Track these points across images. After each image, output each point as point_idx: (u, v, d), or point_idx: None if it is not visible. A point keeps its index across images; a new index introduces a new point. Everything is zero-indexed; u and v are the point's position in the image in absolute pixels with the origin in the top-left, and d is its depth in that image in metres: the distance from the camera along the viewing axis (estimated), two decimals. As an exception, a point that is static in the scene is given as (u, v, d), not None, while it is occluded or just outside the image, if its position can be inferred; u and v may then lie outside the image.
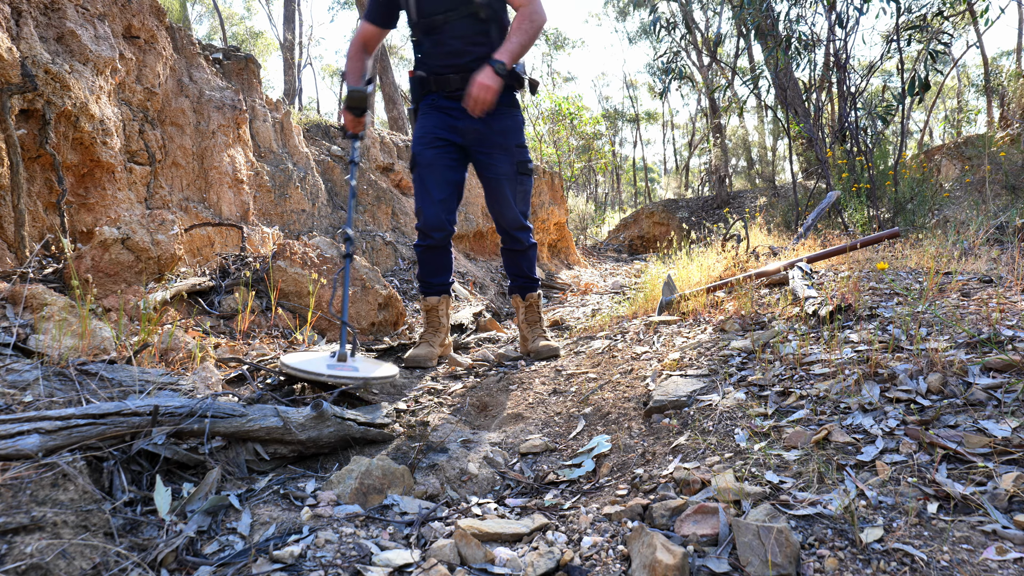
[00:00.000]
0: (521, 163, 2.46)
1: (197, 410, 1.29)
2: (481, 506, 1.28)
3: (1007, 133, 8.26)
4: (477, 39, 2.32)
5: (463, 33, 2.31)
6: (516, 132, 2.47)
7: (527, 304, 2.75)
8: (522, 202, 2.52)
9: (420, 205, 2.47)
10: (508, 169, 2.44)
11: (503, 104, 2.38)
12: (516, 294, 2.76)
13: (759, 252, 3.94)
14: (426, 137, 2.43)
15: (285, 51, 15.95)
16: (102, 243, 2.61)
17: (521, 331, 2.78)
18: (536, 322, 2.76)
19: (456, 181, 2.49)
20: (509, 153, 2.44)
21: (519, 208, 2.51)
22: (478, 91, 2.12)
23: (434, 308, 2.62)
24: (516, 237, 2.57)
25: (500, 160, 2.43)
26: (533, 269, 2.71)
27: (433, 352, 2.56)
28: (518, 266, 2.68)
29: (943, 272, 2.24)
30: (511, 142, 2.44)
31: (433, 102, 2.44)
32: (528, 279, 2.72)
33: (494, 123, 2.40)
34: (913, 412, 1.22)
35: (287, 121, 5.71)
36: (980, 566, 0.82)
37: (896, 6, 4.87)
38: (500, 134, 2.42)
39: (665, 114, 31.18)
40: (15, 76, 2.61)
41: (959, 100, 20.95)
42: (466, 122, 2.39)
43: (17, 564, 0.83)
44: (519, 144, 2.47)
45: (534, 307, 2.76)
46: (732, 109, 12.63)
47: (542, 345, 2.62)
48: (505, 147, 2.43)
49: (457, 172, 2.49)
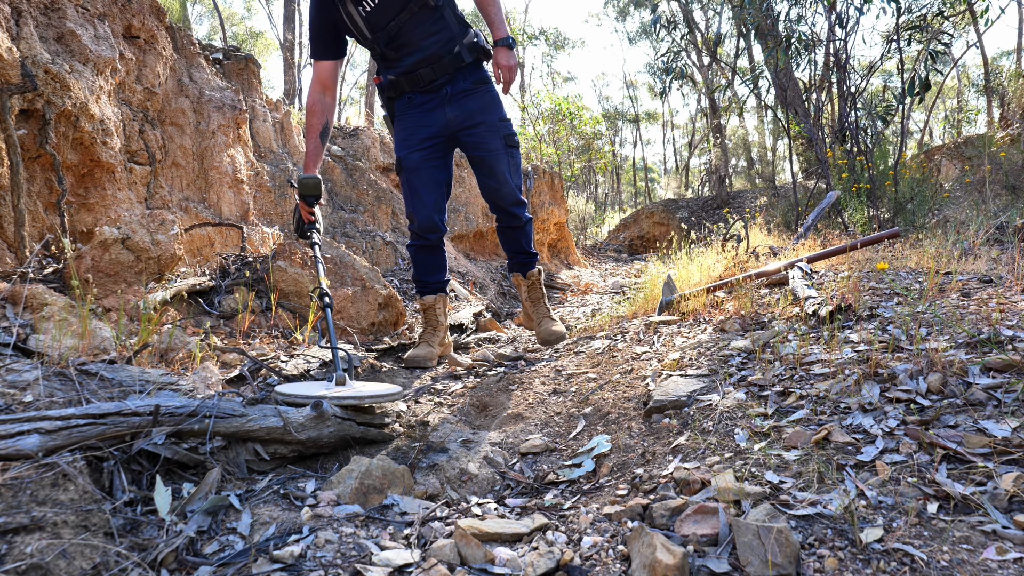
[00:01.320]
0: (508, 136, 2.46)
1: (198, 410, 1.29)
2: (481, 506, 1.28)
3: (1007, 133, 8.26)
4: (436, 27, 2.32)
5: (421, 27, 2.31)
6: (497, 106, 2.46)
7: (529, 283, 2.74)
8: (516, 175, 2.51)
9: (411, 209, 2.47)
10: (498, 144, 2.43)
11: (476, 81, 2.39)
12: (517, 272, 2.75)
13: (759, 252, 3.94)
14: (410, 140, 2.43)
15: (285, 51, 15.95)
16: (102, 243, 2.61)
17: (525, 309, 2.77)
18: (540, 299, 2.74)
19: (444, 180, 2.50)
20: (495, 128, 2.43)
21: (514, 181, 2.50)
22: (509, 74, 2.26)
23: (431, 307, 2.62)
24: (513, 213, 2.55)
25: (488, 137, 2.42)
26: (531, 244, 2.71)
27: (433, 352, 2.55)
28: (517, 242, 2.66)
29: (943, 272, 2.24)
30: (494, 117, 2.43)
31: (409, 100, 2.43)
32: (528, 255, 2.71)
33: (472, 102, 2.39)
34: (913, 412, 1.22)
35: (287, 121, 5.71)
36: (980, 566, 0.82)
37: (896, 6, 4.87)
38: (481, 112, 2.41)
39: (665, 114, 31.20)
40: (15, 76, 2.61)
41: (959, 100, 20.95)
42: (446, 110, 2.39)
43: (17, 564, 0.83)
44: (501, 118, 2.46)
45: (536, 285, 2.74)
46: (732, 109, 12.63)
47: (549, 328, 2.61)
48: (490, 123, 2.42)
49: (444, 171, 2.50)
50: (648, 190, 28.31)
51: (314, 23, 2.32)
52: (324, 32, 2.34)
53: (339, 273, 3.15)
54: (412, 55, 2.32)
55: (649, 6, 7.58)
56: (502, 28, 2.27)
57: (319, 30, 2.33)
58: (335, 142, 6.53)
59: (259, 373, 2.17)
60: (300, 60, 19.86)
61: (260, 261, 3.28)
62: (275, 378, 2.13)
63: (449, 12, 2.34)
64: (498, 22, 2.29)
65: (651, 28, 7.78)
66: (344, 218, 6.03)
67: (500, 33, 2.26)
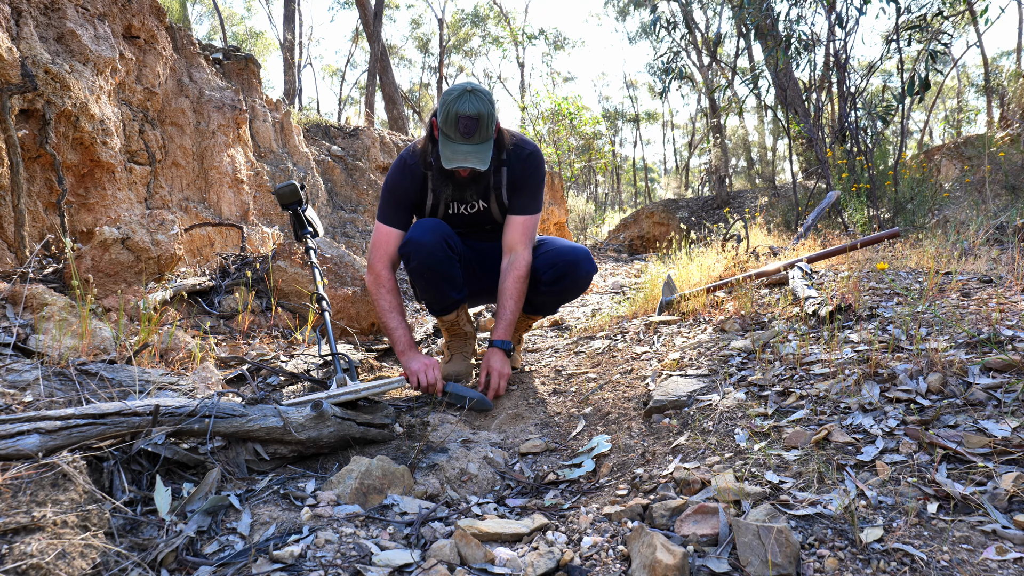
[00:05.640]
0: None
1: (198, 410, 1.29)
2: (481, 506, 1.28)
3: (1007, 133, 8.26)
4: (494, 236, 2.29)
5: (485, 231, 2.29)
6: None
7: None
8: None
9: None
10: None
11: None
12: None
13: (759, 252, 3.94)
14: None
15: (285, 51, 15.95)
16: (102, 243, 2.61)
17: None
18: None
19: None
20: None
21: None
22: (498, 380, 2.04)
23: (453, 322, 2.37)
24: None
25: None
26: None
27: (470, 366, 2.34)
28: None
29: (943, 272, 2.24)
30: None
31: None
32: None
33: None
34: (913, 412, 1.22)
35: (287, 121, 5.71)
36: (980, 566, 0.82)
37: (896, 6, 4.87)
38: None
39: (665, 114, 31.20)
40: (15, 76, 2.61)
41: (959, 100, 20.95)
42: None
43: (17, 564, 0.83)
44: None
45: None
46: (732, 109, 12.63)
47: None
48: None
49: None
50: (648, 190, 28.32)
51: (398, 192, 2.14)
52: (407, 203, 2.16)
53: (339, 273, 3.15)
54: (465, 236, 2.28)
55: (649, 6, 7.58)
56: (505, 333, 2.09)
57: (402, 200, 2.14)
58: (335, 142, 6.53)
59: (259, 373, 2.17)
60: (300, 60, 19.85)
61: (260, 261, 3.28)
62: (275, 378, 2.13)
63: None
64: (504, 326, 2.09)
65: (651, 28, 7.78)
66: (344, 218, 6.03)
67: (500, 336, 2.09)
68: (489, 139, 1.93)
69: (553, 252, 2.15)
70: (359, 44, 25.87)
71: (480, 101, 1.88)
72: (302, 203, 2.37)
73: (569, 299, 2.26)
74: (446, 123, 1.89)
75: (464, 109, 1.86)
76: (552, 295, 2.20)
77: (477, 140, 1.90)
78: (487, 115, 1.88)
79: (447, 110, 1.88)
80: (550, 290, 2.17)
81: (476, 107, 1.86)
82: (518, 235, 2.12)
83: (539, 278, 2.15)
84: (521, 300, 2.13)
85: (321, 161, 6.17)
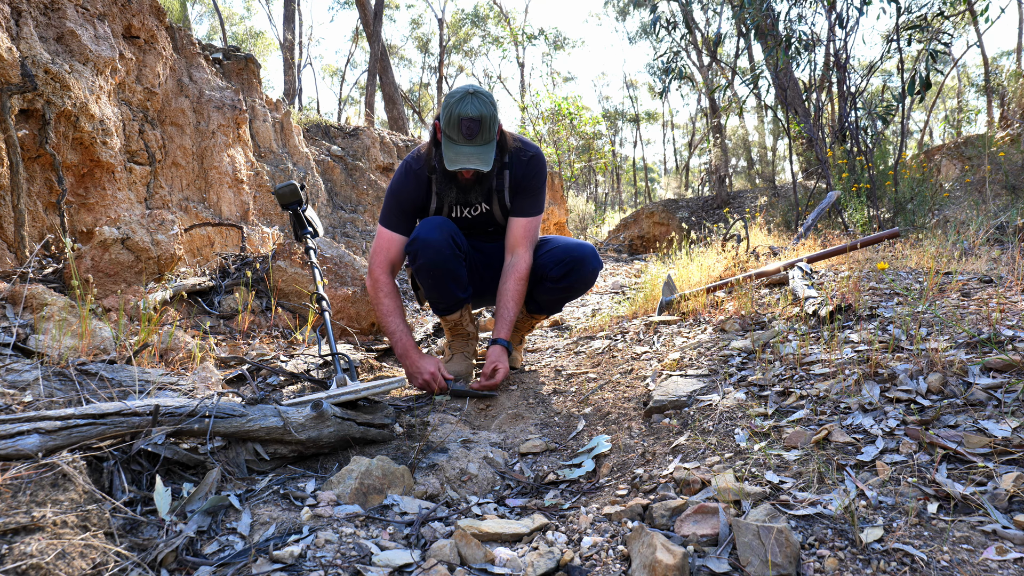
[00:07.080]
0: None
1: (198, 410, 1.29)
2: (481, 506, 1.28)
3: (1007, 133, 8.26)
4: (496, 237, 2.31)
5: (488, 233, 2.31)
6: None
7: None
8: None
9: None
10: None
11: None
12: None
13: (759, 252, 3.94)
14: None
15: (285, 51, 15.95)
16: (102, 243, 2.61)
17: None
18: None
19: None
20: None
21: None
22: (496, 372, 2.04)
23: (456, 322, 2.37)
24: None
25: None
26: None
27: (471, 366, 2.34)
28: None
29: (943, 272, 2.24)
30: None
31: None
32: None
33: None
34: (913, 412, 1.22)
35: (287, 121, 5.71)
36: (980, 566, 0.82)
37: (896, 6, 4.87)
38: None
39: (665, 114, 31.19)
40: (15, 76, 2.61)
41: (959, 100, 20.94)
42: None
43: (17, 564, 0.83)
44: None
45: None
46: (732, 109, 12.64)
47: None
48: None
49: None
50: (648, 190, 28.32)
51: (402, 196, 2.15)
52: (411, 208, 2.17)
53: (339, 273, 3.15)
54: (469, 238, 2.28)
55: (649, 6, 7.59)
56: (506, 332, 2.09)
57: (405, 205, 2.16)
58: (335, 142, 6.53)
59: (259, 373, 2.17)
60: (300, 60, 19.85)
61: (260, 261, 3.28)
62: (275, 378, 2.13)
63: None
64: (504, 326, 2.09)
65: (651, 28, 7.78)
66: (344, 218, 6.03)
67: (501, 335, 2.09)
68: (491, 141, 1.95)
69: (560, 249, 2.16)
70: (359, 44, 25.88)
71: (482, 103, 1.90)
72: (302, 203, 2.38)
73: (575, 295, 2.26)
74: (449, 125, 1.91)
75: (466, 111, 1.88)
76: (559, 291, 2.20)
77: (480, 142, 1.92)
78: (489, 117, 1.91)
79: (449, 113, 1.90)
80: (557, 287, 2.17)
81: (478, 109, 1.89)
82: (520, 237, 2.15)
83: (546, 274, 2.15)
84: (521, 300, 2.14)
85: (321, 161, 6.17)
